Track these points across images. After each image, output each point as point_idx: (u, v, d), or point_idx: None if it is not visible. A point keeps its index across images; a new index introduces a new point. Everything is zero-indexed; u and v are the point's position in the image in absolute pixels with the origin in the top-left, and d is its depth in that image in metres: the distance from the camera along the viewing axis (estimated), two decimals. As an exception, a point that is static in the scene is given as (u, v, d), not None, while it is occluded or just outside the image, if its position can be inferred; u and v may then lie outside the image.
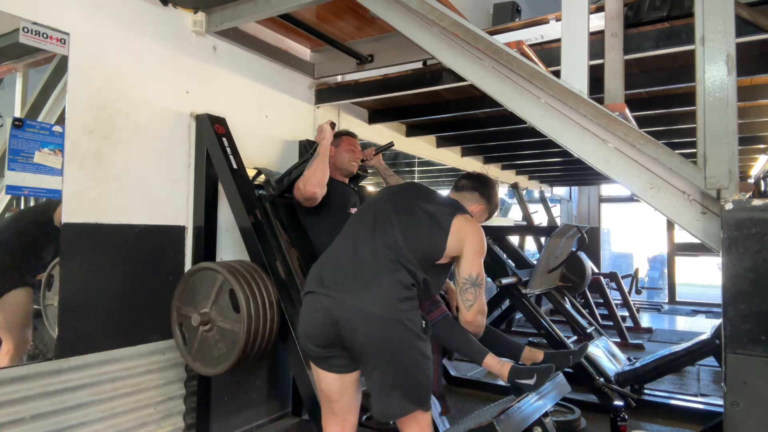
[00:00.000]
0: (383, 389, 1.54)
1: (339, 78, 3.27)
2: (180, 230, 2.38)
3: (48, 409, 1.87)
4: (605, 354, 3.59)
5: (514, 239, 5.14)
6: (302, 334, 1.62)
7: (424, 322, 1.60)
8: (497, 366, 2.20)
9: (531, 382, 2.12)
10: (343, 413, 1.69)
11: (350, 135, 2.65)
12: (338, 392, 1.64)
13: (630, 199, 8.24)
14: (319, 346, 1.57)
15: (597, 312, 5.50)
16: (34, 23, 1.86)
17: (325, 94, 3.23)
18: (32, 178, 1.84)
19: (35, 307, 1.95)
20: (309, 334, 1.58)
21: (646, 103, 3.19)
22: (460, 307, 1.75)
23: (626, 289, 6.28)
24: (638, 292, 6.86)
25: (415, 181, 1.91)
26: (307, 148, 2.92)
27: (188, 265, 2.38)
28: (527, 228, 5.31)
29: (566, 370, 2.48)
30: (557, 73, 1.56)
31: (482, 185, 1.96)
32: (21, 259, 1.95)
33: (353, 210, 2.44)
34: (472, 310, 1.72)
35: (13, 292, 1.90)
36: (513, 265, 4.08)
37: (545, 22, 2.39)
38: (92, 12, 2.04)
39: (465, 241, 1.69)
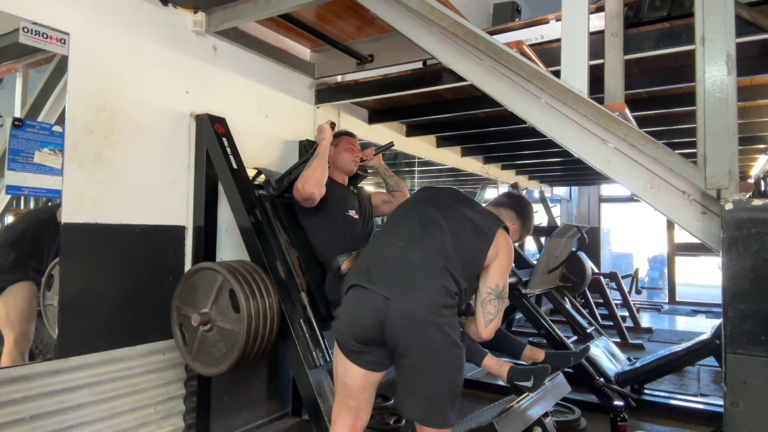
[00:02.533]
0: (419, 391, 1.54)
1: (339, 78, 3.27)
2: (180, 230, 2.38)
3: (48, 409, 1.87)
4: (605, 354, 3.59)
5: (514, 239, 5.13)
6: (345, 327, 1.59)
7: (461, 330, 1.62)
8: (496, 367, 2.21)
9: (528, 384, 2.13)
10: (358, 411, 1.68)
11: (349, 135, 2.65)
12: (361, 389, 1.64)
13: (630, 199, 8.24)
14: (360, 342, 1.57)
15: (597, 312, 5.50)
16: (34, 23, 1.86)
17: (325, 94, 3.23)
18: (32, 178, 1.84)
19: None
20: (354, 330, 1.57)
21: (646, 103, 3.19)
22: (479, 321, 1.69)
23: (626, 289, 6.28)
24: (638, 292, 6.87)
25: (454, 187, 1.90)
26: (307, 148, 2.92)
27: (188, 265, 2.38)
28: (527, 228, 5.30)
29: (566, 370, 2.48)
30: (557, 73, 1.56)
31: (521, 207, 1.97)
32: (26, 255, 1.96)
33: (352, 212, 2.44)
34: (491, 326, 1.69)
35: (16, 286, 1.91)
36: (513, 265, 4.07)
37: (545, 22, 2.39)
38: (92, 12, 2.04)
39: (499, 254, 1.70)
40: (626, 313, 6.19)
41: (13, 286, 1.92)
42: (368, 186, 2.96)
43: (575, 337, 4.17)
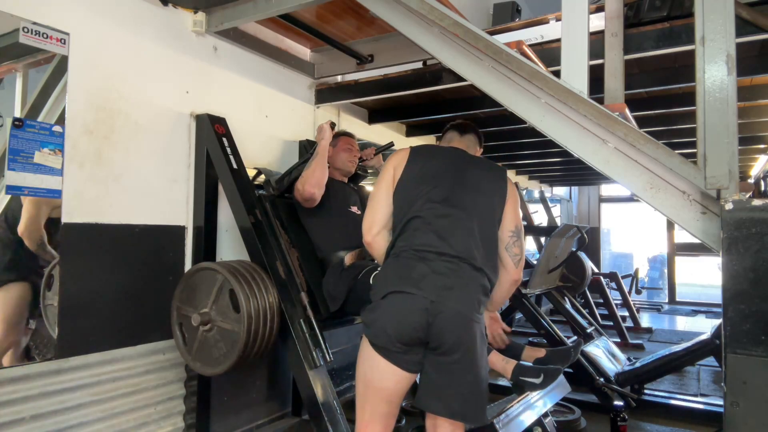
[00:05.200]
0: (459, 388, 1.55)
1: (339, 78, 3.27)
2: (180, 230, 2.38)
3: (48, 409, 1.87)
4: (605, 354, 3.59)
5: (514, 239, 5.13)
6: (390, 331, 1.54)
7: (484, 326, 1.65)
8: (501, 363, 2.17)
9: (537, 381, 2.09)
10: (389, 417, 1.63)
11: (348, 135, 2.66)
12: (399, 392, 1.60)
13: (630, 199, 8.24)
14: (405, 344, 1.54)
15: (597, 312, 5.50)
16: (34, 23, 1.85)
17: (325, 94, 3.23)
18: (32, 178, 1.84)
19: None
20: (401, 332, 1.53)
21: (646, 103, 3.19)
22: (508, 265, 1.73)
23: (626, 289, 6.28)
24: (638, 292, 6.87)
25: (459, 149, 1.85)
26: (307, 148, 2.92)
27: (188, 265, 2.38)
28: (527, 228, 5.29)
29: (566, 370, 2.48)
30: (557, 73, 1.56)
31: (478, 131, 1.98)
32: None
33: (354, 208, 2.44)
34: (520, 265, 1.75)
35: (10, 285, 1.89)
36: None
37: (545, 22, 2.39)
38: (92, 12, 2.04)
39: (509, 200, 1.75)
40: (626, 313, 6.19)
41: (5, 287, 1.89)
42: (368, 186, 2.96)
43: (575, 337, 4.17)
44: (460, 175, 1.72)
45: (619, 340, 5.17)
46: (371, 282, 1.76)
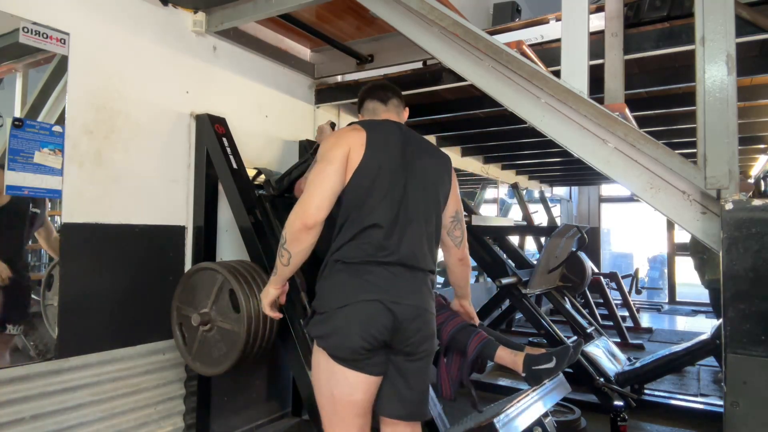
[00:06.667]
0: (417, 387, 1.57)
1: (339, 78, 3.27)
2: (180, 230, 2.38)
3: (48, 409, 1.87)
4: (605, 354, 3.59)
5: (514, 239, 5.14)
6: (355, 339, 1.46)
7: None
8: (510, 357, 2.11)
9: (551, 365, 2.03)
10: (367, 428, 1.56)
11: None
12: (369, 401, 1.54)
13: (630, 199, 8.23)
14: (369, 350, 1.48)
15: (597, 312, 5.50)
16: (34, 23, 1.86)
17: (325, 94, 3.23)
18: (32, 178, 1.84)
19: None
20: (366, 339, 1.46)
21: (646, 103, 3.19)
22: (450, 245, 1.77)
23: (626, 289, 6.28)
24: (638, 292, 6.86)
25: (400, 124, 1.71)
26: (307, 148, 2.92)
27: (188, 265, 2.38)
28: (527, 228, 5.30)
29: (566, 370, 2.47)
30: (557, 73, 1.56)
31: (397, 89, 1.81)
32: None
33: None
34: (462, 244, 1.78)
35: None
36: (513, 265, 4.08)
37: (545, 22, 2.39)
38: (92, 12, 2.04)
39: (452, 188, 1.74)
40: (626, 313, 6.19)
41: None
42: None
43: (575, 337, 4.17)
44: (412, 172, 1.60)
45: (619, 340, 5.16)
46: (316, 290, 1.63)
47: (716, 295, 3.92)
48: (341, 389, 1.49)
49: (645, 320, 6.71)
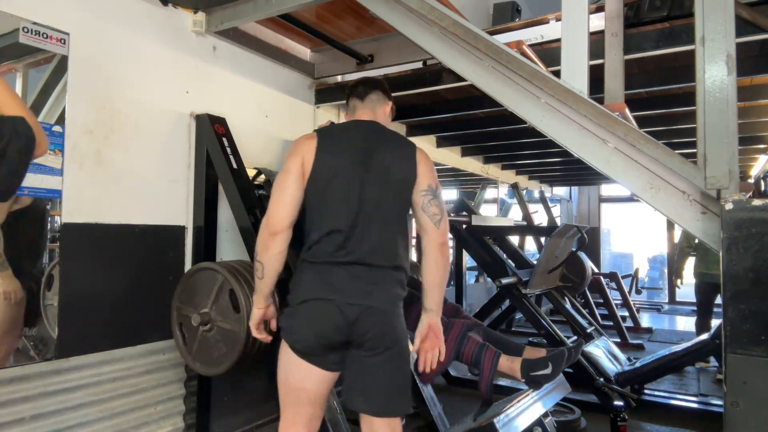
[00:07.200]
0: (383, 382, 1.57)
1: (339, 78, 3.27)
2: (180, 230, 2.38)
3: (48, 409, 1.87)
4: (605, 354, 3.59)
5: (514, 239, 5.14)
6: (310, 338, 1.53)
7: (406, 322, 1.65)
8: (507, 364, 2.15)
9: (548, 371, 2.07)
10: (313, 419, 1.63)
11: None
12: (322, 393, 1.61)
13: (630, 199, 8.23)
14: (326, 347, 1.54)
15: (597, 312, 5.50)
16: (34, 23, 1.86)
17: (325, 94, 3.23)
18: (32, 178, 1.84)
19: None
20: (321, 338, 1.53)
21: (646, 103, 3.19)
22: (428, 226, 1.59)
23: (626, 289, 6.28)
24: (638, 292, 6.86)
25: (367, 122, 1.70)
26: (307, 148, 2.91)
27: (188, 265, 2.38)
28: (527, 228, 5.31)
29: (566, 370, 2.47)
30: (557, 73, 1.56)
31: (378, 82, 1.80)
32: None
33: None
34: (442, 224, 1.60)
35: None
36: (513, 265, 4.08)
37: (545, 22, 2.39)
38: (92, 12, 2.04)
39: (419, 166, 1.63)
40: (626, 313, 6.18)
41: None
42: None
43: (575, 337, 4.17)
44: (371, 170, 1.59)
45: (619, 340, 5.16)
46: (290, 285, 1.66)
47: (699, 285, 4.38)
48: (294, 377, 1.58)
49: (645, 320, 6.71)
